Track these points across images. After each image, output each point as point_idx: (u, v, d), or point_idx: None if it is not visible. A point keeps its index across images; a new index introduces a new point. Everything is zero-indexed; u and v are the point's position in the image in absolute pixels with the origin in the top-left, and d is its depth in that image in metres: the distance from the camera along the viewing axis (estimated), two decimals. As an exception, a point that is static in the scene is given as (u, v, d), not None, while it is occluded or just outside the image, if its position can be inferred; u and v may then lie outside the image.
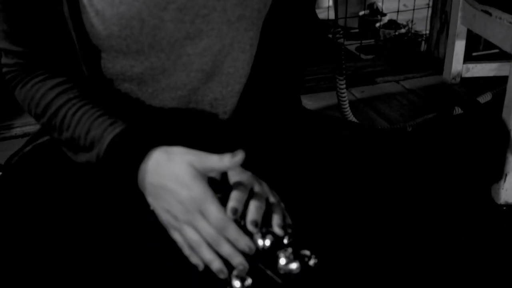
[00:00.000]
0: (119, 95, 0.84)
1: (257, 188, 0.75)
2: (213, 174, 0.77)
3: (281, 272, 0.71)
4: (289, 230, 0.76)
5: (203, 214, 0.69)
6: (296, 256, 0.72)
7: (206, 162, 0.71)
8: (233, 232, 0.69)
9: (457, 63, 1.58)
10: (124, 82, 0.83)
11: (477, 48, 2.00)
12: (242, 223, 0.72)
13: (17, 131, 1.72)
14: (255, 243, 0.72)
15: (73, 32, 0.78)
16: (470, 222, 0.97)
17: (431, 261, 0.91)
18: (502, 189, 1.25)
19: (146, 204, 0.76)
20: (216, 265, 0.70)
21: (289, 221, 0.77)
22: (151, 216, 0.76)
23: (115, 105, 0.81)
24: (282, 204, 0.78)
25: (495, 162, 1.26)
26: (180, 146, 0.74)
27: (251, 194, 0.75)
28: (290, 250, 0.72)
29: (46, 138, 0.89)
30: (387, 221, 0.86)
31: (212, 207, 0.69)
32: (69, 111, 0.78)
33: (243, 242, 0.69)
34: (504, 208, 1.28)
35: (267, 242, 0.72)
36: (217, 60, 0.83)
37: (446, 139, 1.01)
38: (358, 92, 2.05)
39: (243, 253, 0.71)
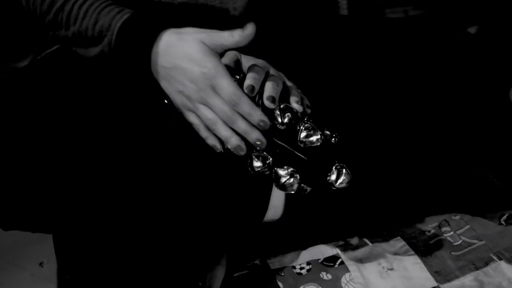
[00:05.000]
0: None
1: (272, 71, 0.75)
2: (229, 57, 0.76)
3: (302, 145, 0.70)
4: (308, 110, 0.75)
5: (215, 91, 0.68)
6: (317, 129, 0.71)
7: (217, 38, 0.70)
8: (246, 106, 0.68)
9: (468, -25, 1.55)
10: None
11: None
12: (260, 102, 0.71)
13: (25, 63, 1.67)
14: (274, 119, 0.70)
15: None
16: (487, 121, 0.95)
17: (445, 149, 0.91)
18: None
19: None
20: (234, 141, 0.69)
21: (307, 102, 0.76)
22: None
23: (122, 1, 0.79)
24: (299, 90, 0.77)
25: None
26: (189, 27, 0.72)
27: (267, 77, 0.74)
28: (311, 122, 0.71)
29: (55, 47, 0.89)
30: (404, 102, 0.86)
31: (224, 82, 0.68)
32: (75, 4, 0.76)
33: (257, 116, 0.68)
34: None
35: (286, 119, 0.70)
36: None
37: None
38: (367, 24, 2.05)
39: (265, 135, 0.69)
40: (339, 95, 0.87)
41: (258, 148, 0.69)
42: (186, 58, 0.69)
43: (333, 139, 0.72)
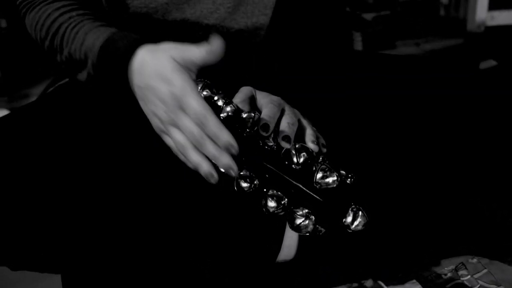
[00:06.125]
0: (140, 30, 0.81)
1: (288, 108, 0.73)
2: (244, 93, 0.74)
3: (317, 186, 0.68)
4: (324, 149, 0.73)
5: (184, 111, 0.63)
6: (334, 170, 0.69)
7: (187, 53, 0.65)
8: (213, 126, 0.61)
9: (482, 11, 1.53)
10: (146, 16, 0.80)
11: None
12: (275, 141, 0.69)
13: (34, 100, 1.65)
14: (290, 159, 0.69)
15: None
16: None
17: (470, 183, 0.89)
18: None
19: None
20: (204, 167, 0.63)
21: (322, 141, 0.74)
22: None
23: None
24: (314, 128, 0.76)
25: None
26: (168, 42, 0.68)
27: (282, 115, 0.72)
28: (327, 163, 0.69)
29: (67, 79, 0.88)
30: (423, 143, 0.84)
31: (192, 100, 0.62)
32: (69, 27, 0.74)
33: (224, 137, 0.61)
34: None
35: (301, 159, 0.68)
36: None
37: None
38: (378, 56, 2.03)
39: (275, 176, 0.67)
40: (355, 133, 0.85)
41: (229, 174, 0.64)
42: (157, 76, 0.64)
43: (349, 179, 0.70)
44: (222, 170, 0.64)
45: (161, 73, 0.64)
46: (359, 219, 0.68)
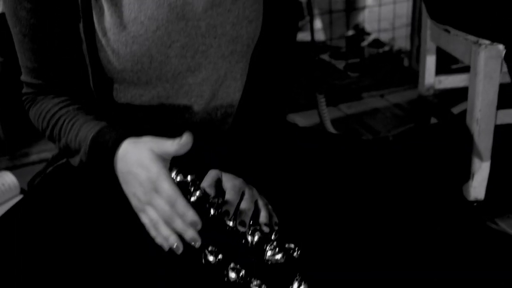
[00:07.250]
0: (126, 121, 0.95)
1: (247, 192, 0.86)
2: (211, 176, 0.86)
3: (269, 263, 0.82)
4: (276, 227, 0.87)
5: (158, 193, 0.75)
6: (281, 248, 0.83)
7: (162, 146, 0.77)
8: (181, 206, 0.73)
9: (430, 77, 1.69)
10: (130, 109, 0.94)
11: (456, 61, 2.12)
12: (235, 223, 0.84)
13: (34, 157, 1.75)
14: (245, 239, 0.83)
15: (89, 67, 0.89)
16: (445, 216, 1.06)
17: (408, 252, 1.01)
18: (471, 187, 1.38)
19: None
20: (172, 240, 0.74)
21: (275, 219, 0.87)
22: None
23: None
24: (270, 206, 0.88)
25: (464, 163, 1.39)
26: (148, 135, 0.80)
27: (242, 197, 0.86)
28: (275, 243, 0.84)
29: (65, 159, 0.98)
30: (366, 218, 0.93)
31: (164, 184, 0.74)
32: (65, 120, 0.87)
33: (190, 216, 0.73)
34: (475, 204, 1.41)
35: (255, 238, 0.83)
36: (214, 89, 0.95)
37: (422, 145, 1.10)
38: (346, 108, 2.19)
39: (239, 251, 0.79)
40: (306, 209, 0.94)
41: (194, 245, 0.76)
42: (137, 164, 0.77)
43: (295, 253, 0.84)
44: (188, 241, 0.76)
45: (141, 161, 0.76)
46: (302, 287, 0.83)
